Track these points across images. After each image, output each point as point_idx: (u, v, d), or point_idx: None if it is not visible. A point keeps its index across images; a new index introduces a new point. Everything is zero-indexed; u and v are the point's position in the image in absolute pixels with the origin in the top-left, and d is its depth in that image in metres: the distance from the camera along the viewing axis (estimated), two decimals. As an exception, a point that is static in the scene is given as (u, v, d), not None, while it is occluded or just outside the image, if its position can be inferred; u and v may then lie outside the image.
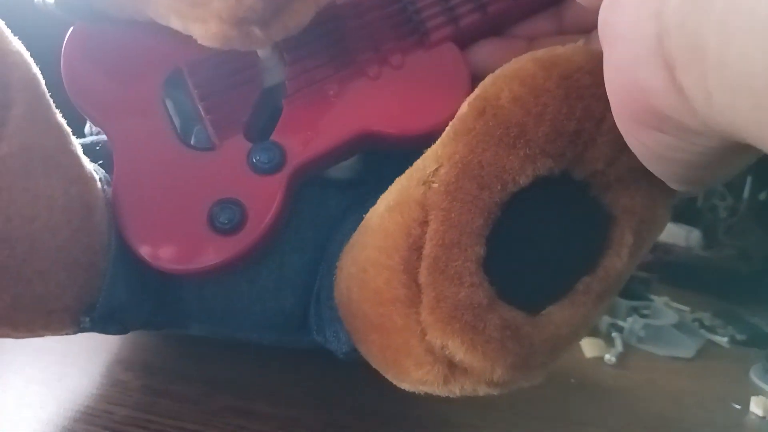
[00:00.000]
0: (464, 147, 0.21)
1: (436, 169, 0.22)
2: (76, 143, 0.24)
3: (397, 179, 0.24)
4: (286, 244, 0.29)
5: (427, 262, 0.21)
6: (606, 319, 0.47)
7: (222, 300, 0.29)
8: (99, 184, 0.25)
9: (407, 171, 0.23)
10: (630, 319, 0.47)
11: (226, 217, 0.25)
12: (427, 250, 0.21)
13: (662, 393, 0.38)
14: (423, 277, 0.21)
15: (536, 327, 0.21)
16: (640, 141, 0.18)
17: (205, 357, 0.34)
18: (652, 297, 0.53)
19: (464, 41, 0.27)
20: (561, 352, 0.22)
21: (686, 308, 0.53)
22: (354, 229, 0.25)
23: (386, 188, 0.24)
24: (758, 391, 0.40)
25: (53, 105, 0.23)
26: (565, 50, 0.22)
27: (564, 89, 0.21)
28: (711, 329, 0.51)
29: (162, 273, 0.25)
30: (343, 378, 0.33)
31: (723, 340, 0.50)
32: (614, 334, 0.46)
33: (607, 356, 0.42)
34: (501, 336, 0.20)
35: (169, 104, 0.27)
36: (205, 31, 0.22)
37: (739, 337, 0.50)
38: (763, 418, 0.37)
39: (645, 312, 0.50)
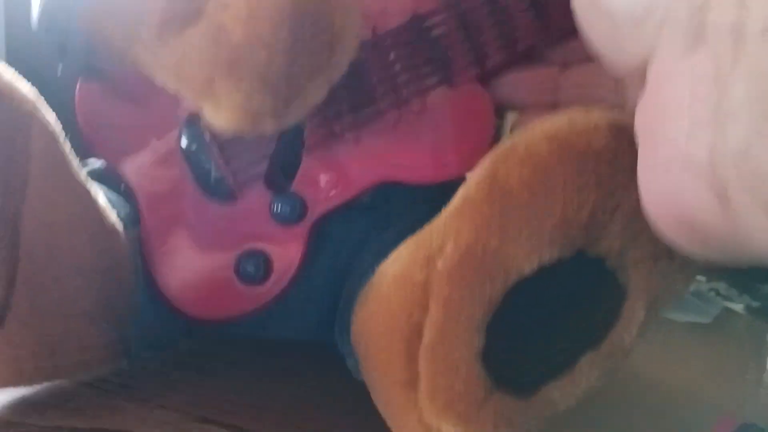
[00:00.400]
0: (469, 232, 0.20)
1: (441, 246, 0.21)
2: (97, 193, 0.24)
3: (409, 240, 0.23)
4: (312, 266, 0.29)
5: (426, 350, 0.21)
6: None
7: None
8: (122, 232, 0.25)
9: (418, 235, 0.23)
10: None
11: (253, 268, 0.26)
12: (426, 336, 0.21)
13: (679, 358, 0.39)
14: (421, 363, 0.21)
15: (532, 409, 0.21)
16: (676, 239, 0.17)
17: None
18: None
19: (490, 78, 0.26)
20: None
21: (702, 278, 0.54)
22: (372, 263, 0.25)
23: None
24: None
25: (71, 154, 0.23)
26: (586, 127, 0.20)
27: (578, 179, 0.20)
28: (727, 297, 0.52)
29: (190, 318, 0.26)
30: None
31: (739, 307, 0.50)
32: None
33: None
34: (495, 424, 0.21)
35: (188, 154, 0.26)
36: (216, 114, 0.21)
37: (755, 305, 0.51)
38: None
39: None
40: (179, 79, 0.22)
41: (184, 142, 0.26)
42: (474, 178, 0.21)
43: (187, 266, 0.26)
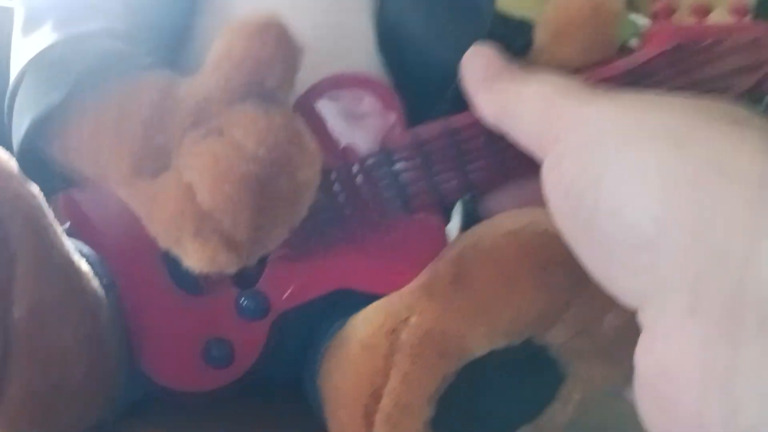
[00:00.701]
0: (432, 313, 0.24)
1: (406, 319, 0.24)
2: (80, 261, 0.25)
3: (379, 302, 0.26)
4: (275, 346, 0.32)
5: (382, 416, 0.24)
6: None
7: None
8: (104, 300, 0.27)
9: (386, 300, 0.26)
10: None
11: (217, 354, 0.29)
12: (383, 403, 0.24)
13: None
14: (377, 426, 0.24)
15: None
16: None
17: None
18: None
19: (445, 202, 0.28)
20: None
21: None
22: (341, 315, 0.28)
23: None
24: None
25: (56, 232, 0.24)
26: (545, 230, 0.22)
27: (536, 280, 0.23)
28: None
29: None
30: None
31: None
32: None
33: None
34: None
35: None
36: (184, 258, 0.23)
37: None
38: None
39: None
40: (150, 220, 0.23)
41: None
42: (443, 261, 0.24)
43: (162, 348, 0.29)
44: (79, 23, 0.25)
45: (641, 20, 0.89)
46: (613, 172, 0.16)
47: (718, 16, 0.26)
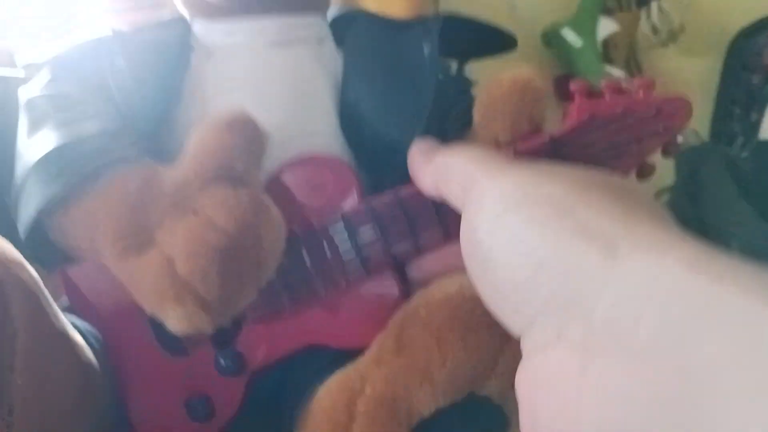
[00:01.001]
0: (381, 381, 0.27)
1: (362, 389, 0.28)
2: (74, 333, 0.28)
3: (338, 374, 0.29)
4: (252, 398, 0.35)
5: None
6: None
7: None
8: (97, 365, 0.30)
9: (344, 373, 0.29)
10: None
11: (198, 409, 0.31)
12: None
13: None
14: None
15: None
16: None
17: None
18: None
19: (400, 263, 0.31)
20: None
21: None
22: (309, 382, 0.31)
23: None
24: None
25: (53, 311, 0.27)
26: (476, 296, 0.23)
27: (465, 342, 0.26)
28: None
29: None
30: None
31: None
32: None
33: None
34: None
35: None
36: (165, 321, 0.26)
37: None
38: None
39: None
40: (136, 290, 0.27)
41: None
42: (388, 331, 0.28)
43: (148, 403, 0.32)
44: (77, 126, 0.29)
45: (616, 72, 0.93)
46: (502, 229, 0.19)
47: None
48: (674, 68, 0.93)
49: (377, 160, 0.34)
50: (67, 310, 0.30)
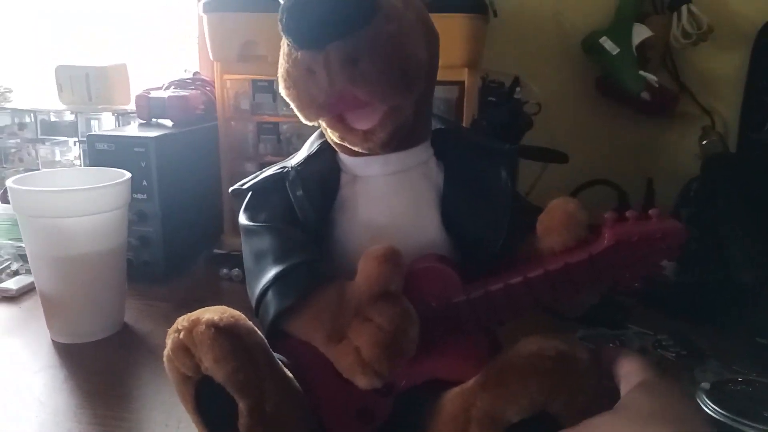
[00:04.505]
0: (487, 399, 0.45)
1: (474, 402, 0.46)
2: (287, 373, 0.49)
3: (453, 392, 0.49)
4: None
5: None
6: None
7: None
8: (300, 392, 0.50)
9: (456, 392, 0.48)
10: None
11: (365, 415, 0.51)
12: None
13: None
14: None
15: None
16: None
17: None
18: (629, 326, 0.77)
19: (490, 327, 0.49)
20: None
21: (651, 332, 0.77)
22: (428, 392, 0.50)
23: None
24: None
25: (277, 361, 0.47)
26: (544, 354, 0.43)
27: (538, 385, 0.44)
28: (665, 348, 0.75)
29: None
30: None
31: (671, 356, 0.74)
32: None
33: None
34: None
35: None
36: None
37: (683, 352, 0.74)
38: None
39: (622, 339, 0.74)
40: (338, 364, 0.46)
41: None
42: (490, 368, 0.46)
43: (333, 409, 0.51)
44: (291, 257, 0.48)
45: (650, 76, 1.07)
46: None
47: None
48: (705, 63, 1.03)
49: (472, 250, 0.51)
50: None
